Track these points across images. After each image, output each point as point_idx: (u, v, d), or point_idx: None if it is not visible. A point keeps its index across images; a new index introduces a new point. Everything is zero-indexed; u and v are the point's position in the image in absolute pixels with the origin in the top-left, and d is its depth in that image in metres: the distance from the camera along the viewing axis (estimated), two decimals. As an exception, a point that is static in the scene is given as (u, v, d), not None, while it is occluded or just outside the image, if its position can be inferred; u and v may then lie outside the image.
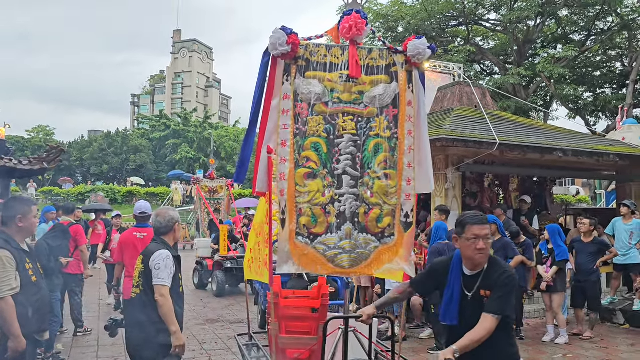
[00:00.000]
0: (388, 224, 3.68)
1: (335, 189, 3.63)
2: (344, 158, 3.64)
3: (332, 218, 3.61)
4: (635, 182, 10.94)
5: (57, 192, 32.22)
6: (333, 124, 3.63)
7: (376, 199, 3.66)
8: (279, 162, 3.66)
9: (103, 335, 7.22)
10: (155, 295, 3.54)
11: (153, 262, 3.59)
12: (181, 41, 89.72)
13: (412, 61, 3.73)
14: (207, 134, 53.10)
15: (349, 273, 3.75)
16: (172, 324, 3.57)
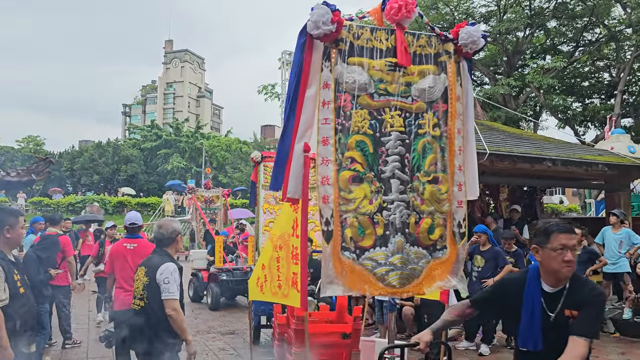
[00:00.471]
0: (440, 235, 3.23)
1: (383, 195, 3.12)
2: (391, 159, 3.14)
3: (381, 229, 3.10)
4: (623, 191, 11.05)
5: (47, 203, 31.98)
6: (379, 119, 3.13)
7: (427, 206, 3.19)
8: (320, 163, 3.11)
9: (92, 347, 7.17)
10: (167, 310, 3.58)
11: (161, 276, 3.60)
12: (173, 51, 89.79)
13: (463, 51, 3.30)
14: (199, 144, 53.02)
15: (400, 293, 3.19)
16: (187, 334, 3.73)
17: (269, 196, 7.70)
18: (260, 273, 4.70)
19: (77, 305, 10.76)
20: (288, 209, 4.22)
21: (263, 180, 7.72)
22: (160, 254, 3.81)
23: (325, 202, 3.08)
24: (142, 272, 3.74)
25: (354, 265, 3.06)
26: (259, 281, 4.74)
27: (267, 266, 4.60)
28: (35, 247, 6.02)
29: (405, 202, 3.15)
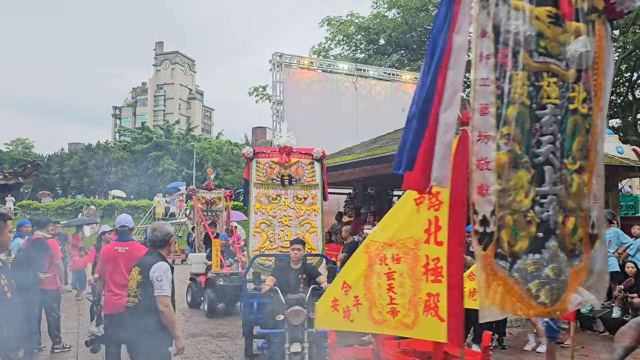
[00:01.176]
0: (580, 237, 2.53)
1: (535, 187, 2.40)
2: (546, 140, 2.41)
3: (533, 229, 2.39)
4: (612, 191, 11.15)
5: (36, 206, 31.66)
6: (537, 86, 2.40)
7: (573, 202, 2.48)
8: (476, 139, 2.39)
9: (82, 351, 7.11)
10: (159, 306, 3.77)
11: (154, 274, 3.80)
12: (163, 53, 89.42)
13: (617, 9, 2.57)
14: (190, 146, 52.80)
15: (553, 312, 2.47)
16: (177, 330, 3.91)
17: (260, 195, 7.27)
18: (341, 294, 3.49)
19: (67, 309, 10.67)
20: (412, 206, 3.18)
21: (255, 177, 7.32)
22: (154, 254, 4.02)
23: (484, 194, 2.36)
24: (136, 272, 3.92)
25: (506, 277, 2.38)
26: (338, 305, 3.54)
27: (357, 285, 3.45)
28: (24, 251, 5.96)
29: (556, 195, 2.44)
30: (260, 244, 7.02)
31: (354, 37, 25.49)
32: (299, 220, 7.24)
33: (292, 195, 7.30)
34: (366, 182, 12.62)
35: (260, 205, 7.23)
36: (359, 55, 26.04)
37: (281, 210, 7.25)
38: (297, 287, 6.00)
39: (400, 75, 17.98)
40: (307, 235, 6.97)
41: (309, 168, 7.41)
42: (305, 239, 6.85)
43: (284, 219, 7.23)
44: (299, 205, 7.28)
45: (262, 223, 7.15)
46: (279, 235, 7.16)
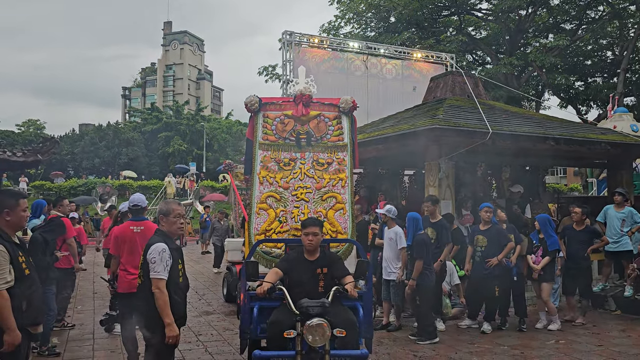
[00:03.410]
0: None
1: None
2: None
3: None
4: (626, 170, 11.03)
5: (49, 187, 32.00)
6: None
7: None
8: None
9: (99, 328, 7.24)
10: (152, 288, 3.71)
11: (150, 256, 3.75)
12: (172, 33, 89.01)
13: None
14: (200, 126, 52.86)
15: None
16: (166, 316, 3.73)
17: (268, 159, 5.43)
18: None
19: (83, 287, 10.86)
20: None
21: (261, 136, 5.46)
22: (157, 234, 3.99)
23: None
24: (144, 252, 3.95)
25: None
26: None
27: None
28: (41, 230, 6.03)
29: None
30: (266, 225, 5.22)
31: (364, 15, 25.15)
32: (321, 192, 5.37)
33: (310, 159, 5.45)
34: (377, 162, 12.57)
35: (267, 173, 5.42)
36: (369, 34, 25.73)
37: (296, 179, 5.39)
38: (315, 288, 4.45)
39: (411, 53, 17.76)
40: (330, 214, 5.27)
41: (333, 124, 5.59)
42: (329, 218, 5.25)
43: (299, 191, 5.36)
44: (320, 173, 5.40)
45: (270, 197, 5.34)
46: (292, 214, 5.28)
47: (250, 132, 5.61)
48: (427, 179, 9.25)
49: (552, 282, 7.59)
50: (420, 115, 10.18)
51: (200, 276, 12.88)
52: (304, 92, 5.45)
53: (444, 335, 7.00)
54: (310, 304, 3.92)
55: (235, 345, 6.53)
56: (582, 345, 6.57)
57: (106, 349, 6.48)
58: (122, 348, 6.11)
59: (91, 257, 16.29)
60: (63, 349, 6.37)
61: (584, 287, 7.88)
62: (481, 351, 6.34)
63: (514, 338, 6.98)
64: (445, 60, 17.65)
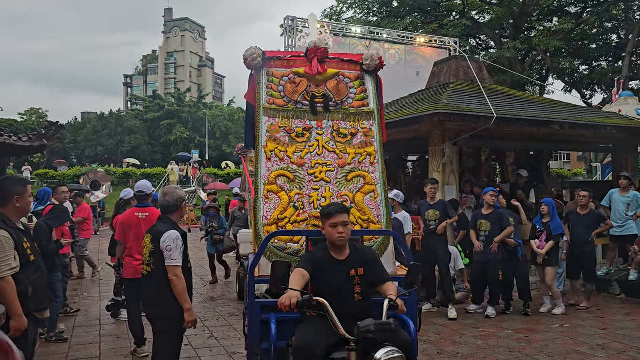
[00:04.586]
0: None
1: None
2: None
3: None
4: (631, 154, 10.97)
5: (53, 175, 32.09)
6: None
7: None
8: None
9: (105, 314, 7.29)
10: (169, 275, 3.76)
11: (164, 244, 3.77)
12: (173, 20, 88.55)
13: None
14: (202, 114, 52.77)
15: None
16: (186, 302, 3.81)
17: (276, 128, 4.30)
18: None
19: (88, 273, 10.91)
20: None
21: (266, 99, 4.36)
22: (164, 221, 3.98)
23: None
24: (148, 239, 3.92)
25: None
26: None
27: None
28: (46, 217, 6.04)
29: None
30: (277, 212, 4.08)
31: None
32: (345, 171, 4.28)
33: (329, 129, 4.38)
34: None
35: (275, 146, 4.28)
36: (371, 19, 25.51)
37: (313, 154, 4.28)
38: (350, 296, 3.33)
39: (415, 38, 17.61)
40: (359, 198, 4.18)
41: (355, 85, 4.57)
42: (358, 204, 4.16)
43: (317, 169, 4.25)
44: (342, 146, 4.35)
45: (281, 176, 4.20)
46: (310, 198, 4.16)
47: (251, 95, 4.51)
48: (431, 164, 9.22)
49: (556, 267, 7.60)
50: (424, 100, 10.12)
51: (205, 262, 12.93)
52: (318, 44, 4.41)
53: (449, 320, 7.03)
54: (374, 327, 2.82)
55: (240, 330, 6.57)
56: (587, 329, 6.58)
57: (112, 334, 6.53)
58: (128, 333, 6.16)
59: (96, 245, 16.37)
60: (70, 335, 6.41)
61: (588, 271, 7.88)
62: (486, 335, 6.36)
63: (518, 322, 6.99)
64: (448, 44, 17.50)
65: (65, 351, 5.81)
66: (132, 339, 5.78)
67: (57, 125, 6.92)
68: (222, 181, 30.89)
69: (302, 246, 3.95)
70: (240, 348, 5.86)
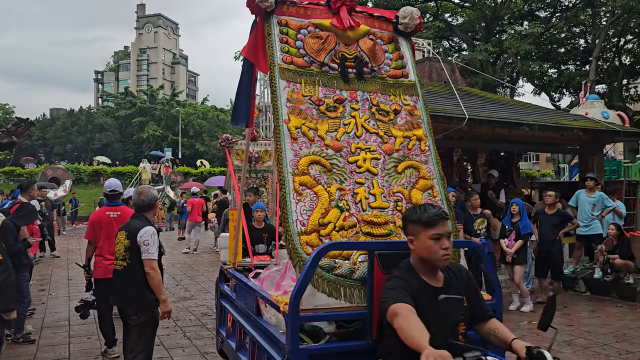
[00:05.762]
0: None
1: None
2: None
3: None
4: (597, 155, 11.28)
5: (20, 172, 31.27)
6: None
7: None
8: None
9: (74, 315, 7.14)
10: (146, 269, 3.87)
11: (142, 238, 3.87)
12: (145, 16, 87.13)
13: None
14: (175, 111, 52.10)
15: None
16: (162, 293, 3.93)
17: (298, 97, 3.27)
18: None
19: (57, 274, 10.69)
20: None
21: (281, 56, 3.33)
22: (139, 218, 4.08)
23: None
24: (122, 236, 3.99)
25: None
26: None
27: None
28: (13, 215, 5.89)
29: None
30: (317, 215, 2.97)
31: (342, -1, 25.00)
32: (393, 160, 3.31)
33: (367, 103, 3.40)
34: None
35: (301, 122, 3.20)
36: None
37: (350, 135, 3.28)
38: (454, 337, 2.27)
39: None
40: (416, 196, 3.22)
41: (390, 49, 3.63)
42: (415, 202, 3.21)
43: (360, 155, 3.23)
44: (385, 126, 3.37)
45: (314, 164, 3.12)
46: (355, 196, 3.12)
47: (252, 49, 3.52)
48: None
49: (524, 265, 7.78)
50: (398, 100, 10.20)
51: (178, 262, 12.81)
52: None
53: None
54: None
55: (213, 329, 6.53)
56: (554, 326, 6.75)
57: (82, 335, 6.42)
58: (98, 334, 6.06)
59: (65, 244, 16.05)
60: (38, 336, 6.28)
61: (555, 269, 8.09)
62: (456, 332, 6.46)
63: (488, 319, 7.12)
64: (422, 46, 17.69)
65: (33, 352, 5.69)
66: (103, 339, 5.69)
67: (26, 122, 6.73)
68: (195, 180, 30.59)
69: (357, 264, 2.80)
70: (213, 348, 5.84)
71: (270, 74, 3.31)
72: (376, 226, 3.04)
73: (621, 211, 9.28)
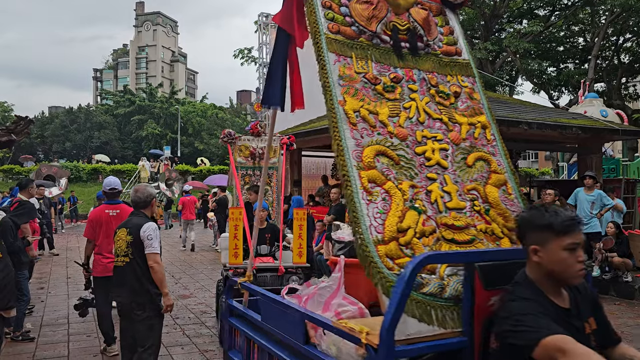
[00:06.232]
0: None
1: None
2: None
3: None
4: (596, 154, 11.31)
5: (19, 170, 31.25)
6: None
7: None
8: None
9: (73, 313, 7.15)
10: (149, 263, 3.93)
11: (145, 234, 3.95)
12: (144, 14, 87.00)
13: None
14: (174, 109, 52.06)
15: None
16: (165, 287, 4.03)
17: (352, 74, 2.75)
18: None
19: (56, 272, 10.69)
20: None
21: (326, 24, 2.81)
22: (139, 215, 4.14)
23: None
24: (123, 233, 4.03)
25: None
26: None
27: None
28: (12, 213, 5.89)
29: None
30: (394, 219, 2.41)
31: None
32: (461, 150, 2.84)
33: (425, 84, 2.91)
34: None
35: (359, 104, 2.68)
36: (345, 17, 25.58)
37: (413, 121, 2.77)
38: None
39: (388, 37, 17.75)
40: (492, 194, 2.75)
41: (440, 22, 3.17)
42: (494, 203, 2.73)
43: (428, 145, 2.74)
44: (447, 110, 2.91)
45: (381, 155, 2.59)
46: (428, 194, 2.61)
47: (287, 17, 3.02)
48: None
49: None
50: (397, 99, 10.22)
51: (177, 260, 12.82)
52: None
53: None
54: None
55: (212, 327, 6.55)
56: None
57: (81, 333, 6.43)
58: (97, 332, 6.07)
59: (64, 242, 16.06)
60: (37, 334, 6.28)
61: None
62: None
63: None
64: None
65: (32, 350, 5.69)
66: (102, 337, 5.70)
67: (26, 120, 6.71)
68: (194, 178, 30.58)
69: (445, 279, 2.26)
70: (212, 346, 5.85)
71: (315, 45, 2.74)
72: (457, 231, 2.51)
73: (622, 206, 9.31)
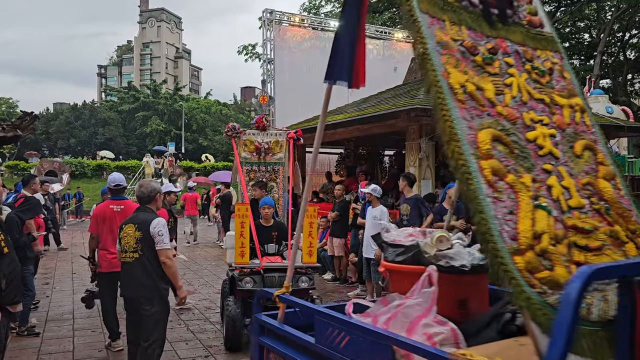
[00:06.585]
0: None
1: None
2: None
3: None
4: (601, 151, 11.25)
5: (24, 167, 31.38)
6: None
7: None
8: None
9: (78, 308, 7.20)
10: (161, 258, 3.95)
11: (155, 230, 3.96)
12: (148, 10, 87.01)
13: None
14: (178, 106, 52.10)
15: None
16: (178, 280, 4.13)
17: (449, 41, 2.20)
18: None
19: (61, 267, 10.74)
20: None
21: None
22: (146, 210, 4.14)
23: None
24: (132, 228, 4.03)
25: None
26: None
27: None
28: (18, 209, 5.92)
29: None
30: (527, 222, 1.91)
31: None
32: (567, 137, 2.33)
33: (517, 55, 2.40)
34: (357, 142, 12.61)
35: (465, 78, 2.14)
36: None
37: (516, 100, 2.25)
38: None
39: (392, 33, 17.71)
40: (607, 190, 2.23)
41: None
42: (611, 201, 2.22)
43: (538, 130, 2.21)
44: (545, 90, 2.41)
45: (496, 141, 2.05)
46: (549, 190, 2.07)
47: None
48: (407, 159, 9.32)
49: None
50: (401, 95, 10.21)
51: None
52: None
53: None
54: None
55: (216, 323, 6.57)
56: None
57: (86, 328, 6.46)
58: (102, 327, 6.10)
59: (69, 238, 16.12)
60: (42, 329, 6.32)
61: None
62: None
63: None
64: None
65: (38, 345, 5.73)
66: (107, 332, 5.73)
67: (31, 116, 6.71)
68: (198, 174, 30.64)
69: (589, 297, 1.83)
70: (216, 342, 5.87)
71: (405, 3, 2.18)
72: (586, 235, 2.03)
73: None
